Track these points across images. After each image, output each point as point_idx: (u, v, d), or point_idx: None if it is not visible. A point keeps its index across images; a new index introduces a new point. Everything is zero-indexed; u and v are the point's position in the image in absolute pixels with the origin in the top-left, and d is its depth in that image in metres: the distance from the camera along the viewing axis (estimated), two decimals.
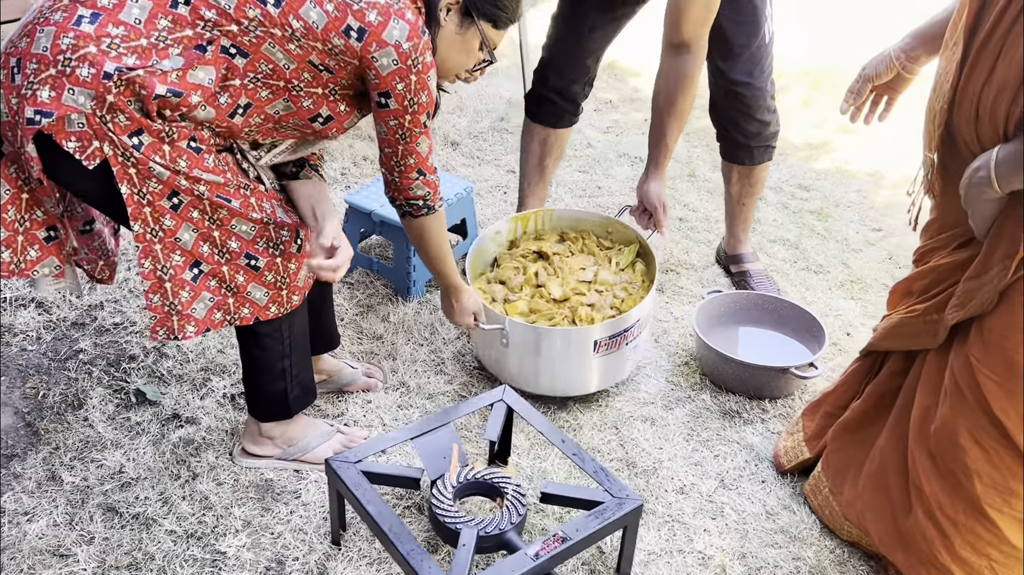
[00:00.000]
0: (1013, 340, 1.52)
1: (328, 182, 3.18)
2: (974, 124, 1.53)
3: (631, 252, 2.42)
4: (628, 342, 2.20)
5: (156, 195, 1.55)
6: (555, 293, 2.28)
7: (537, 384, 2.23)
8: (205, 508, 1.91)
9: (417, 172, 1.77)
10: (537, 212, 2.50)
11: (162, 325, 1.67)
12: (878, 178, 3.63)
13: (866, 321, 2.73)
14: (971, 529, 1.68)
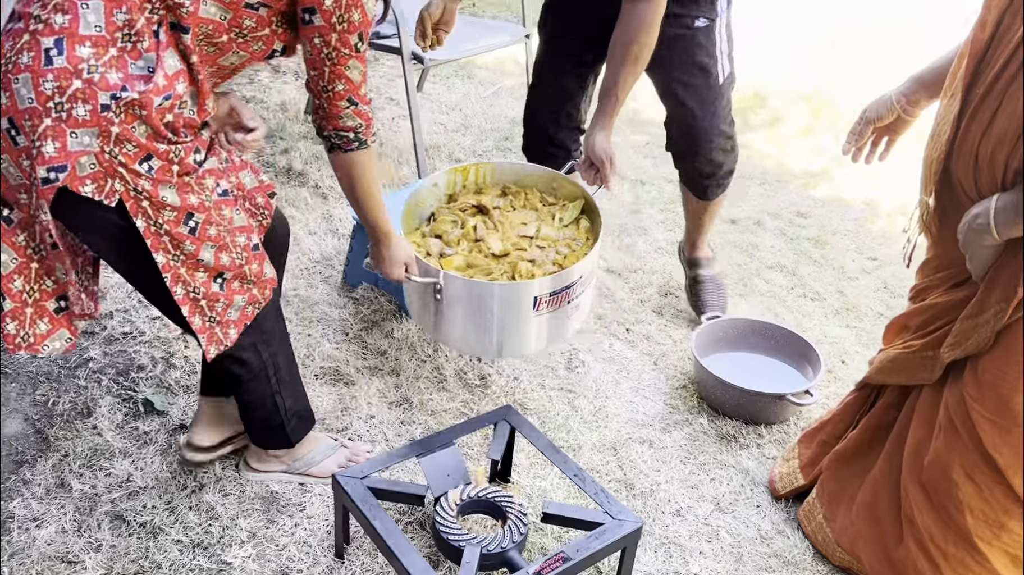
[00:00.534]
0: (1007, 380, 1.57)
1: (335, 197, 3.23)
2: (972, 173, 1.59)
3: (575, 208, 2.30)
4: (570, 300, 2.10)
5: (172, 223, 1.54)
6: (494, 248, 2.17)
7: (472, 344, 2.15)
8: (211, 518, 1.95)
9: (347, 101, 1.64)
10: (478, 165, 2.38)
11: (211, 342, 1.69)
12: (874, 207, 3.70)
13: (860, 349, 2.79)
14: (961, 560, 1.73)
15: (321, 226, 3.07)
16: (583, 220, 2.29)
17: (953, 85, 1.62)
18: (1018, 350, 1.55)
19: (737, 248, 3.30)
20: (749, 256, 3.26)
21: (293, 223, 3.04)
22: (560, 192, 2.36)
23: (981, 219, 1.53)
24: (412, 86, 3.31)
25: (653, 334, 2.77)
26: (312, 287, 2.76)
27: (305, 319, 2.61)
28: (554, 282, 2.04)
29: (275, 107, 3.83)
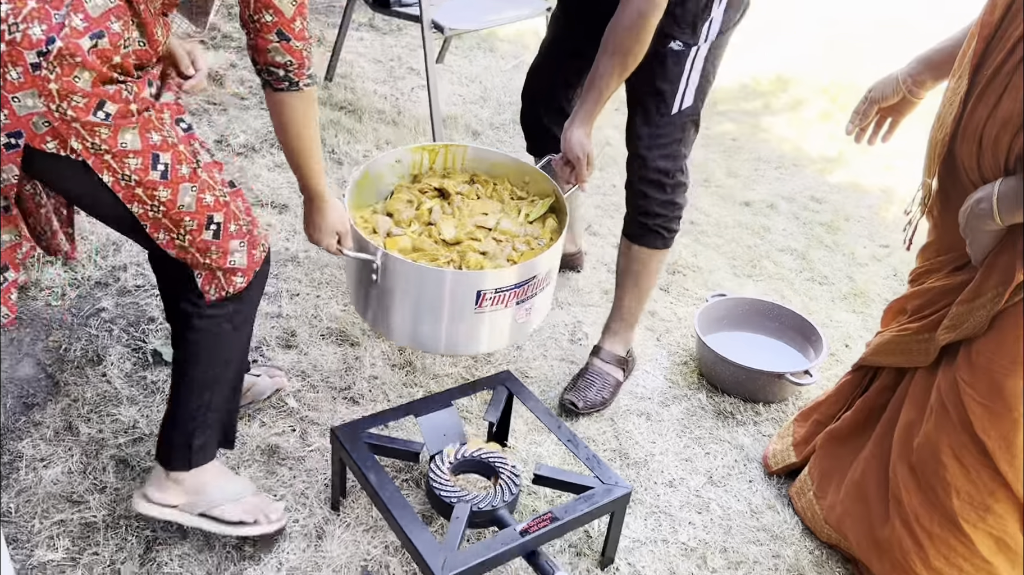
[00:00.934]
0: (1000, 364, 1.58)
1: (350, 163, 3.26)
2: (976, 156, 1.59)
3: (544, 205, 2.13)
4: (520, 300, 1.89)
5: (140, 171, 1.44)
6: (446, 234, 2.00)
7: (408, 334, 1.94)
8: None
9: (277, 34, 1.50)
10: (448, 147, 2.20)
11: (209, 283, 1.61)
12: (890, 194, 3.68)
13: (865, 334, 2.79)
14: (945, 541, 1.74)
15: (335, 191, 3.10)
16: (550, 219, 2.12)
17: (961, 66, 1.61)
18: (1013, 335, 1.56)
19: (748, 230, 3.30)
20: (760, 238, 3.26)
21: None
22: (532, 187, 2.20)
23: (984, 203, 1.53)
24: (431, 55, 3.33)
25: (658, 310, 2.78)
26: (323, 250, 2.79)
27: (314, 281, 2.65)
28: (502, 278, 1.84)
29: None
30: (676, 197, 2.27)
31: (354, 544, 1.86)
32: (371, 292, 1.91)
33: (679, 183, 2.26)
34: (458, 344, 1.94)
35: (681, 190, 2.27)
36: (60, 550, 1.78)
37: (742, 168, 3.78)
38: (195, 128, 1.60)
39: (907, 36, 5.13)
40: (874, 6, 5.52)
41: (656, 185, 2.24)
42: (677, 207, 2.29)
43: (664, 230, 2.31)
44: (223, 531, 1.77)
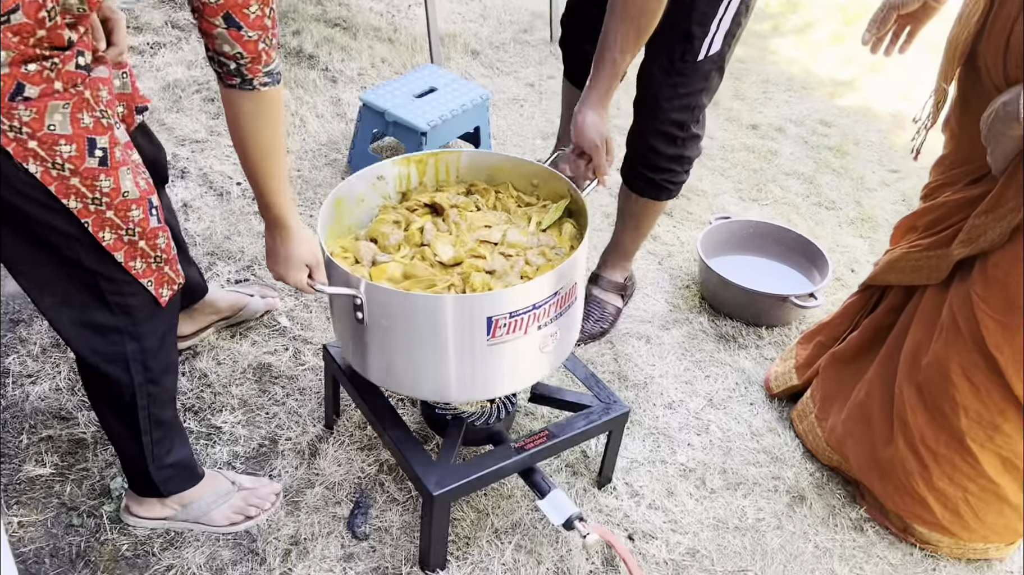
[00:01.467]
0: (1017, 278, 1.52)
1: (344, 82, 3.16)
2: (1003, 56, 1.50)
3: (558, 209, 1.73)
4: (541, 324, 1.52)
5: (75, 158, 1.20)
6: (443, 254, 1.62)
7: (402, 381, 1.58)
8: (204, 385, 1.96)
9: (224, 19, 1.22)
10: (439, 155, 1.80)
11: (161, 284, 1.39)
12: (900, 119, 3.57)
13: (872, 259, 2.73)
14: (951, 461, 1.71)
15: (329, 109, 3.01)
16: (567, 224, 1.73)
17: None
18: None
19: (755, 154, 3.21)
20: (767, 162, 3.17)
21: (300, 104, 2.98)
22: (542, 190, 1.80)
23: (1011, 106, 1.45)
24: None
25: (661, 234, 2.72)
26: (317, 169, 2.72)
27: (307, 200, 2.58)
28: (516, 298, 1.46)
29: None
30: (687, 150, 2.05)
31: (348, 462, 1.84)
32: (359, 334, 1.55)
33: (693, 135, 2.03)
34: (473, 387, 1.56)
35: (694, 143, 2.05)
36: (48, 465, 1.75)
37: (750, 91, 3.66)
38: None
39: None
40: None
41: (667, 138, 2.01)
42: (687, 161, 2.08)
43: (671, 184, 2.11)
44: (218, 532, 1.70)
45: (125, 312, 1.37)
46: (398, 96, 2.69)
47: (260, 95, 1.30)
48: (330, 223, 1.66)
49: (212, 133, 2.74)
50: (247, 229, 2.41)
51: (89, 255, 1.28)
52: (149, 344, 1.43)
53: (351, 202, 1.72)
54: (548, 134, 3.13)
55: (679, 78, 1.92)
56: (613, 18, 1.69)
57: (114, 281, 1.33)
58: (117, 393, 1.46)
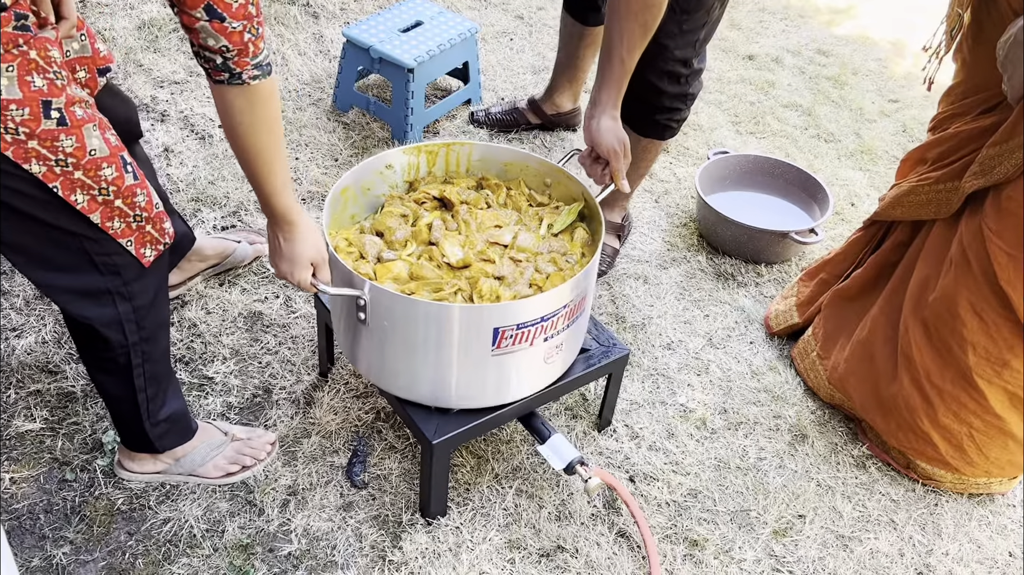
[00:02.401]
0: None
1: (327, 17, 3.04)
2: None
3: (571, 213, 1.69)
4: (548, 336, 1.50)
5: (30, 121, 1.14)
6: (451, 256, 1.58)
7: (403, 385, 1.56)
8: (194, 335, 1.91)
9: (205, 10, 1.15)
10: (450, 146, 1.75)
11: (143, 244, 1.34)
12: (900, 47, 3.48)
13: (871, 192, 2.68)
14: (956, 398, 1.69)
15: (311, 47, 2.90)
16: (579, 229, 1.69)
17: None
18: None
19: (752, 85, 3.12)
20: (764, 94, 3.09)
21: (281, 42, 2.87)
22: (554, 190, 1.76)
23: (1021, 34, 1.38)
24: None
25: (657, 171, 2.65)
26: (300, 110, 2.63)
27: (292, 142, 2.50)
28: (524, 310, 1.44)
29: None
30: (691, 87, 2.01)
31: (344, 411, 1.81)
32: (361, 335, 1.52)
33: (696, 71, 1.98)
34: (473, 395, 1.54)
35: (697, 78, 2.01)
36: (39, 420, 1.71)
37: (745, 20, 3.55)
38: None
39: None
40: None
41: (672, 77, 1.96)
42: (691, 98, 2.04)
43: (674, 122, 2.07)
44: (213, 484, 1.67)
45: (114, 272, 1.33)
46: (383, 31, 2.58)
47: (251, 89, 1.24)
48: (334, 212, 1.61)
49: (192, 74, 2.64)
50: (232, 174, 2.34)
51: (66, 219, 1.23)
52: (141, 303, 1.38)
53: (357, 190, 1.67)
54: (539, 68, 3.03)
55: (684, 15, 1.86)
56: (616, 17, 1.63)
57: (97, 241, 1.28)
58: (112, 355, 1.43)
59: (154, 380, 1.51)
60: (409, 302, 1.43)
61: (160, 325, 1.46)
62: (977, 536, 1.75)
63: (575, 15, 2.43)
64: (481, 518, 1.65)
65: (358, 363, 1.60)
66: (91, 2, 2.80)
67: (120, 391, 1.50)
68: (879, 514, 1.77)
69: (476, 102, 2.82)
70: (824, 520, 1.74)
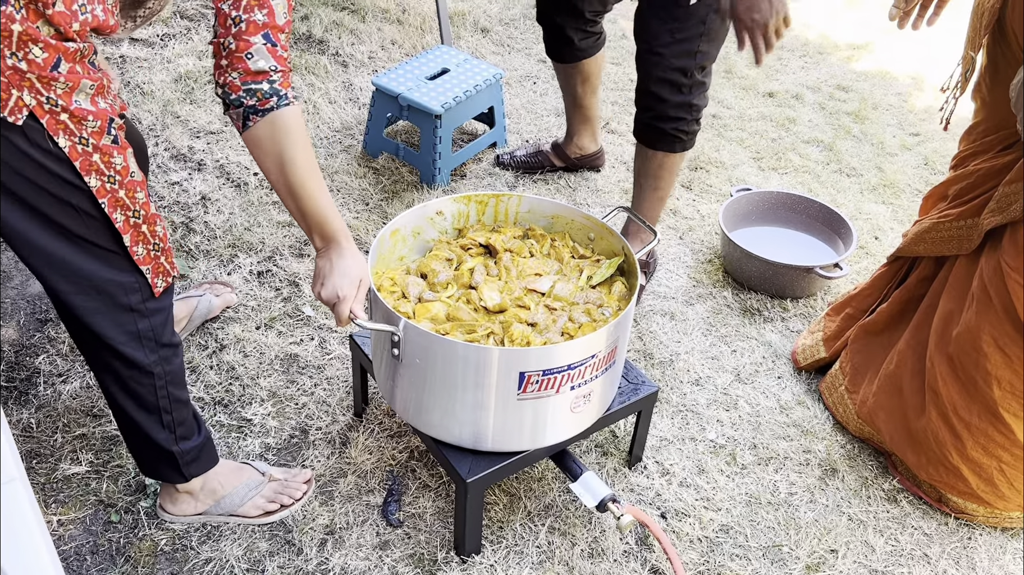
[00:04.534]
0: None
1: (355, 66, 3.14)
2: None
3: (611, 267, 1.74)
4: (575, 385, 1.52)
5: (96, 134, 1.24)
6: (489, 300, 1.63)
7: (435, 423, 1.58)
8: (232, 378, 1.97)
9: (263, 37, 1.25)
10: (499, 197, 1.82)
11: (157, 274, 1.41)
12: (920, 82, 3.51)
13: (895, 226, 2.70)
14: (984, 432, 1.70)
15: (341, 95, 2.99)
16: (618, 283, 1.73)
17: None
18: None
19: (773, 122, 3.17)
20: (785, 130, 3.13)
21: (312, 91, 2.96)
22: (597, 245, 1.80)
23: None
24: None
25: (680, 208, 2.69)
26: (332, 156, 2.71)
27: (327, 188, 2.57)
28: (551, 356, 1.46)
29: None
30: (694, 98, 2.07)
31: (379, 450, 1.84)
32: (396, 374, 1.57)
33: (698, 83, 2.05)
34: (492, 438, 1.56)
35: (700, 90, 2.07)
36: (84, 463, 1.77)
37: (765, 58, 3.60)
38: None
39: None
40: None
41: (671, 86, 2.04)
42: (695, 109, 2.10)
43: (682, 133, 2.13)
44: (253, 523, 1.71)
45: (135, 290, 1.40)
46: (410, 79, 2.67)
47: (293, 109, 1.31)
48: (382, 252, 1.69)
49: (227, 124, 2.73)
50: (267, 220, 2.41)
51: (102, 235, 1.31)
52: (157, 321, 1.45)
53: (407, 233, 1.75)
54: (562, 111, 3.09)
55: (675, 24, 1.97)
56: None
57: (124, 259, 1.37)
58: (135, 377, 1.47)
59: (178, 403, 1.54)
60: (437, 340, 1.47)
61: (175, 347, 1.51)
62: (1012, 570, 1.74)
63: (555, 57, 2.51)
64: (515, 556, 1.67)
65: (394, 402, 1.64)
66: (131, 57, 2.91)
67: (145, 416, 1.52)
68: (912, 548, 1.76)
69: (502, 145, 2.89)
70: (857, 555, 1.74)
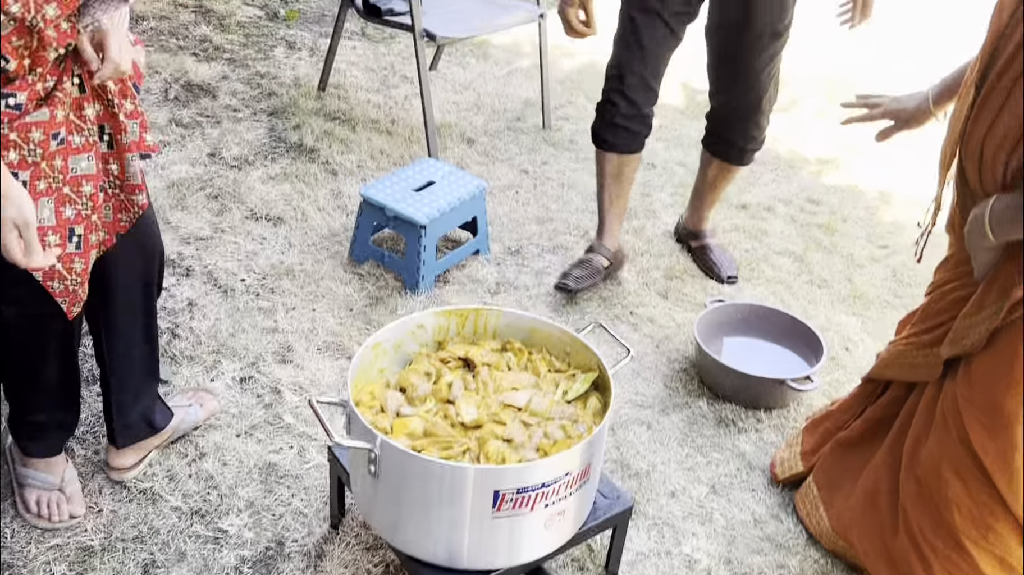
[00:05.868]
0: (998, 382, 1.56)
1: (344, 174, 3.24)
2: (978, 169, 1.57)
3: (586, 381, 1.80)
4: (548, 502, 1.54)
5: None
6: (466, 415, 1.67)
7: (412, 541, 1.61)
8: (210, 487, 1.98)
9: None
10: (479, 311, 1.89)
11: (74, 302, 1.60)
12: (887, 196, 3.66)
13: (865, 337, 2.78)
14: (948, 557, 1.72)
15: (330, 202, 3.09)
16: (593, 398, 1.79)
17: (972, 74, 1.59)
18: (1010, 353, 1.54)
19: (746, 234, 3.28)
20: (758, 242, 3.24)
21: (302, 198, 3.06)
22: (573, 359, 1.86)
23: (979, 220, 1.51)
24: (424, 64, 3.31)
25: (657, 317, 2.76)
26: (319, 263, 2.78)
27: (310, 294, 2.63)
28: (526, 475, 1.50)
29: (288, 83, 3.84)
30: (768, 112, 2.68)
31: (354, 563, 1.84)
32: (372, 487, 1.60)
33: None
34: (468, 556, 1.59)
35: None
36: None
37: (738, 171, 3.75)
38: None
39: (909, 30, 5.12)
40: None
41: (770, 110, 2.64)
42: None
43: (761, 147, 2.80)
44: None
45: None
46: (397, 190, 2.77)
47: None
48: (363, 365, 1.73)
49: (216, 230, 2.81)
50: (251, 325, 2.46)
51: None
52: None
53: (388, 347, 1.81)
54: (543, 219, 3.20)
55: (776, 41, 2.49)
56: None
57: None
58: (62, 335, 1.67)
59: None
60: (413, 458, 1.50)
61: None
62: None
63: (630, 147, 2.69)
64: None
65: (370, 517, 1.66)
66: None
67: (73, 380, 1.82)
68: None
69: (484, 253, 2.97)
70: None
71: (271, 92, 3.75)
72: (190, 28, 4.20)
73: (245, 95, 3.69)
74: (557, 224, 3.17)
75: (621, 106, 2.58)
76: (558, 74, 4.30)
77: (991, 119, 1.49)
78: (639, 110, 2.60)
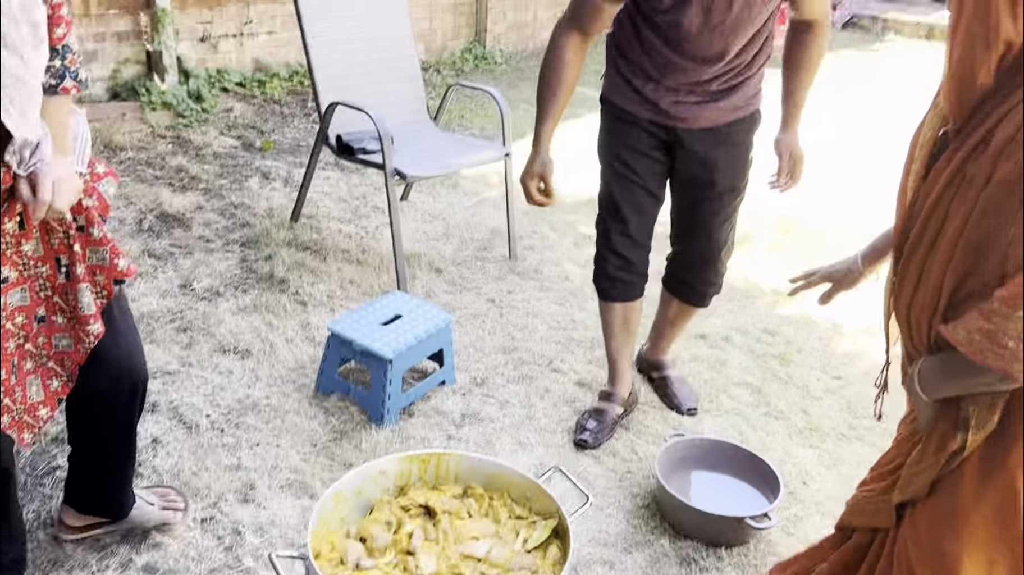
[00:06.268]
0: (941, 526, 1.61)
1: (314, 305, 3.31)
2: (907, 331, 1.67)
3: (547, 528, 1.83)
4: None
5: None
6: (425, 568, 1.69)
7: None
8: None
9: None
10: (440, 456, 1.92)
11: (22, 430, 1.67)
12: (839, 327, 3.80)
13: (822, 471, 2.83)
14: None
15: (298, 334, 3.14)
16: (552, 546, 1.81)
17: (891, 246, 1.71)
18: (949, 502, 1.60)
19: (705, 364, 3.37)
20: (717, 372, 3.33)
21: (271, 330, 3.11)
22: (534, 504, 1.89)
23: (911, 379, 1.60)
24: (395, 201, 3.44)
25: (619, 450, 2.81)
26: (285, 396, 2.81)
27: (275, 429, 2.65)
28: None
29: (262, 213, 3.96)
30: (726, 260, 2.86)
31: None
32: None
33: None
34: None
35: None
36: None
37: None
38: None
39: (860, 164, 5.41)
40: (823, 136, 5.81)
41: (729, 255, 2.84)
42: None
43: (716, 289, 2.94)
44: None
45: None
46: (365, 325, 2.83)
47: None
48: (324, 515, 1.76)
49: (184, 364, 2.84)
50: (215, 463, 2.46)
51: None
52: None
53: (349, 494, 1.84)
54: (508, 348, 3.27)
55: (735, 199, 2.70)
56: (788, 74, 2.59)
57: None
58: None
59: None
60: None
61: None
62: None
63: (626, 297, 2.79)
64: None
65: None
66: None
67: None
68: None
69: (450, 383, 3.02)
70: None
71: (244, 222, 3.85)
72: (167, 158, 4.34)
73: (218, 225, 3.79)
74: (522, 353, 3.25)
75: (612, 260, 2.73)
76: (523, 205, 4.46)
77: (912, 288, 1.59)
78: (630, 263, 2.73)
